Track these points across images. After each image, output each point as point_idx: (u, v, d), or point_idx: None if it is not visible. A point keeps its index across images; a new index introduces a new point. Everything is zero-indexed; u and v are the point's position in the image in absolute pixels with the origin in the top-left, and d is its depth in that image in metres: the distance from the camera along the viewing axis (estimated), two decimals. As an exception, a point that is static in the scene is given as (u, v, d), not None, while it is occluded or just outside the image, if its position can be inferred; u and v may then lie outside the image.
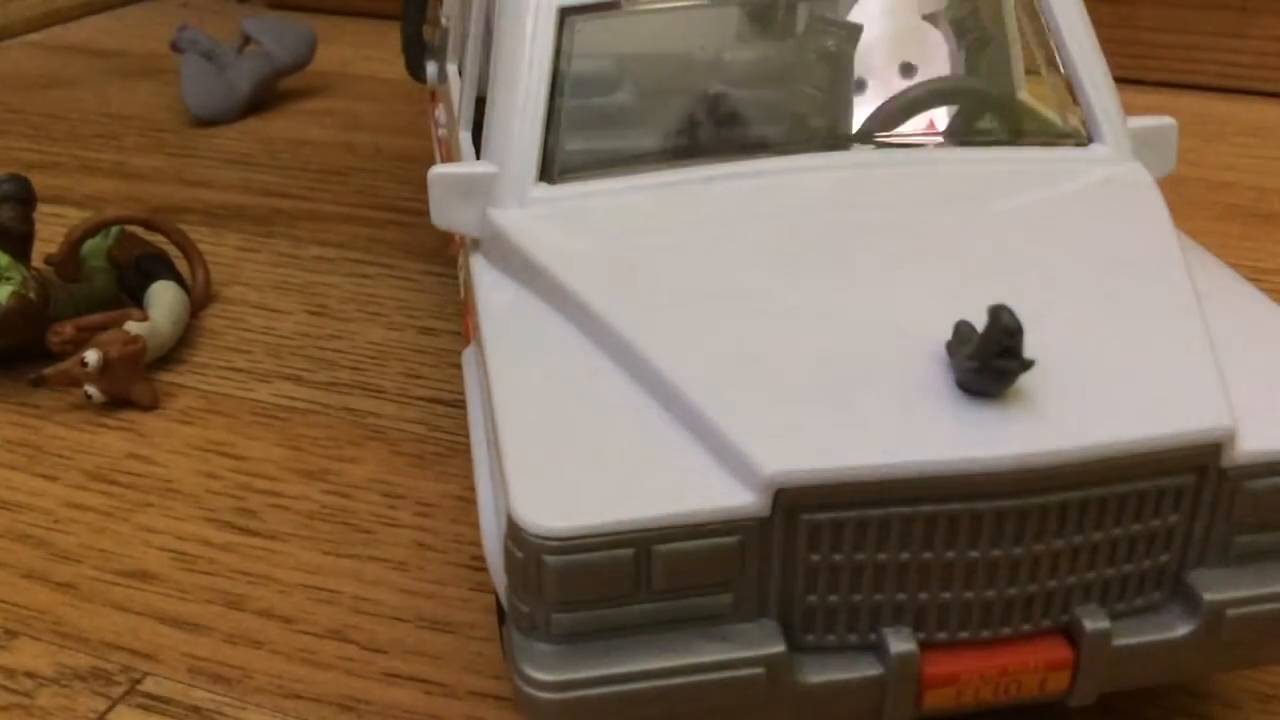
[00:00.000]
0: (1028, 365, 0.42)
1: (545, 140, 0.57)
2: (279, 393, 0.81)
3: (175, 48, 1.35)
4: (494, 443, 0.47)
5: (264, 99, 1.38)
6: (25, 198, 0.87)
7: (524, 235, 0.55)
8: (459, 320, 0.89)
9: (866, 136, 0.63)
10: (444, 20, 0.85)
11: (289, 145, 1.27)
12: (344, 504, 0.70)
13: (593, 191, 0.57)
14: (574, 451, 0.45)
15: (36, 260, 0.86)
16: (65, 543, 0.68)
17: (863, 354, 0.46)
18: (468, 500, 0.70)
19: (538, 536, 0.42)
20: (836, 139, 0.62)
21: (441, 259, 0.98)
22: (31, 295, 0.80)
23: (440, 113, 0.87)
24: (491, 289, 0.55)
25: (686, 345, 0.47)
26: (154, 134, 1.31)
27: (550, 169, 0.57)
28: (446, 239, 0.96)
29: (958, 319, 0.45)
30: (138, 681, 0.58)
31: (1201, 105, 1.33)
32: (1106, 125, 0.60)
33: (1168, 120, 0.61)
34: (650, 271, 0.52)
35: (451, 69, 0.81)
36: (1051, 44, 0.61)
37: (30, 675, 0.58)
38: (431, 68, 0.94)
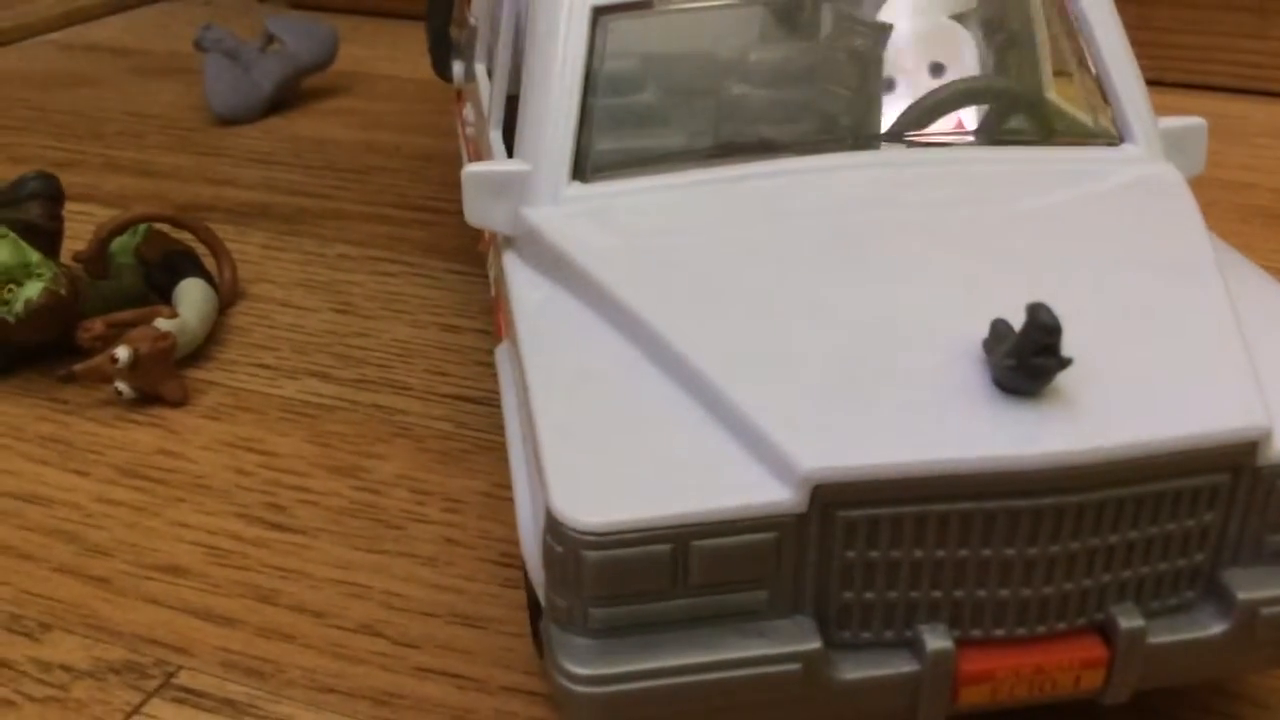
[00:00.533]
0: (1066, 363, 0.43)
1: (578, 139, 0.57)
2: (307, 389, 0.82)
3: (199, 46, 1.36)
4: (531, 439, 0.48)
5: (286, 98, 1.38)
6: (53, 195, 0.88)
7: (558, 233, 0.55)
8: (483, 318, 0.90)
9: (896, 136, 0.63)
10: (472, 20, 0.86)
11: (312, 144, 1.28)
12: (373, 500, 0.70)
13: (626, 190, 0.57)
14: (612, 447, 0.45)
15: (65, 257, 0.87)
16: (97, 537, 0.68)
17: (899, 352, 0.46)
18: (495, 497, 0.70)
19: (577, 531, 0.42)
20: (867, 138, 0.62)
21: (463, 257, 0.99)
22: (62, 291, 0.81)
23: (468, 112, 0.87)
24: (526, 286, 0.55)
25: (722, 342, 0.47)
26: (178, 132, 1.32)
27: (583, 168, 0.57)
28: (468, 237, 0.97)
29: (993, 317, 0.45)
30: (172, 675, 0.58)
31: (1220, 106, 1.33)
32: (1137, 125, 0.60)
33: (1197, 120, 0.61)
34: (685, 269, 0.52)
35: (480, 69, 0.82)
36: (1082, 43, 0.62)
37: (65, 668, 0.59)
38: (458, 67, 0.95)
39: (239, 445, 0.76)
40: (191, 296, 0.86)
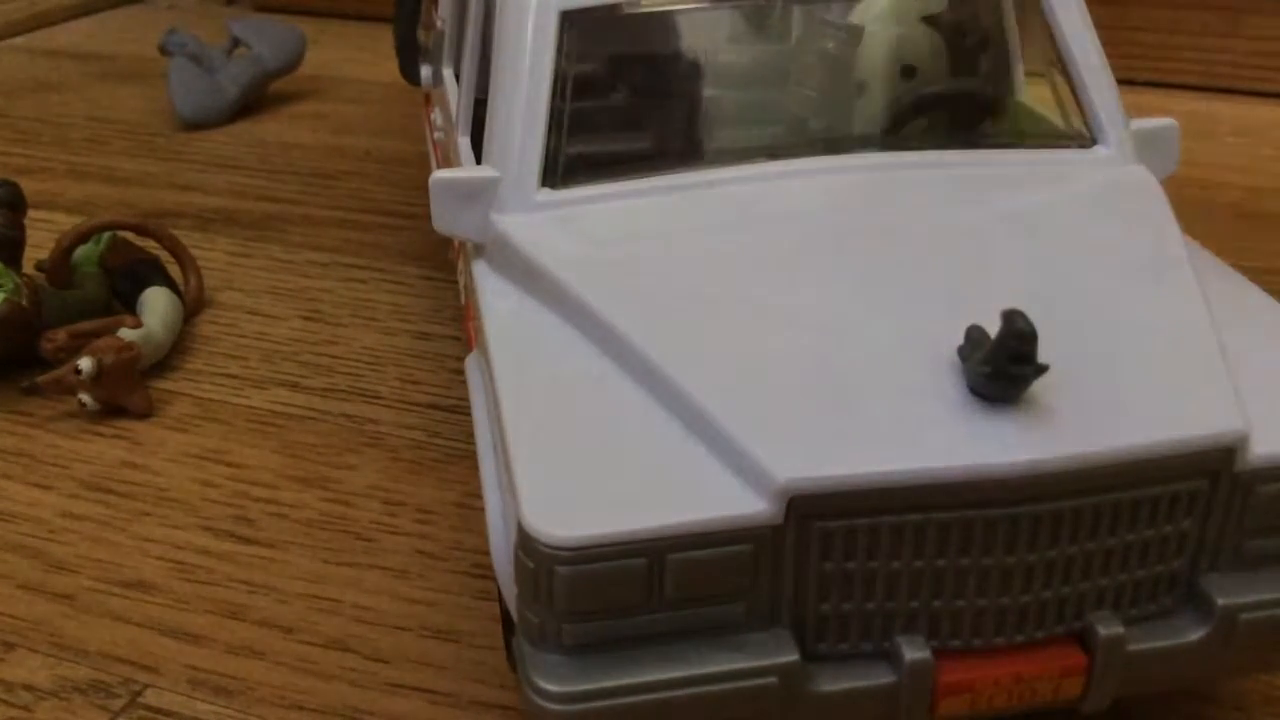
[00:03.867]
0: (1041, 370, 0.42)
1: (548, 144, 0.56)
2: (275, 399, 0.81)
3: (164, 51, 1.34)
4: (502, 451, 0.47)
5: (253, 102, 1.37)
6: (15, 203, 0.87)
7: (527, 240, 0.54)
8: (455, 324, 0.89)
9: (869, 140, 0.62)
10: (439, 23, 0.85)
11: (279, 149, 1.26)
12: (343, 511, 0.69)
13: (596, 196, 0.56)
14: (584, 460, 0.44)
15: (27, 267, 0.86)
16: (62, 553, 0.67)
17: (873, 359, 0.46)
18: (468, 507, 0.69)
19: (549, 546, 0.41)
20: (839, 142, 0.61)
21: (434, 263, 0.98)
22: (24, 302, 0.79)
23: (436, 116, 0.86)
24: (495, 295, 0.54)
25: (695, 351, 0.47)
26: (143, 138, 1.30)
27: (553, 174, 0.56)
28: (440, 243, 0.96)
29: (968, 323, 0.44)
30: (138, 694, 0.57)
31: (1191, 105, 1.34)
32: (1110, 127, 0.59)
33: (1169, 122, 0.61)
34: (657, 276, 0.51)
35: (447, 72, 0.81)
36: (1054, 45, 0.61)
37: (29, 688, 0.58)
38: (426, 70, 0.94)
39: (206, 457, 0.75)
40: (156, 305, 0.85)
